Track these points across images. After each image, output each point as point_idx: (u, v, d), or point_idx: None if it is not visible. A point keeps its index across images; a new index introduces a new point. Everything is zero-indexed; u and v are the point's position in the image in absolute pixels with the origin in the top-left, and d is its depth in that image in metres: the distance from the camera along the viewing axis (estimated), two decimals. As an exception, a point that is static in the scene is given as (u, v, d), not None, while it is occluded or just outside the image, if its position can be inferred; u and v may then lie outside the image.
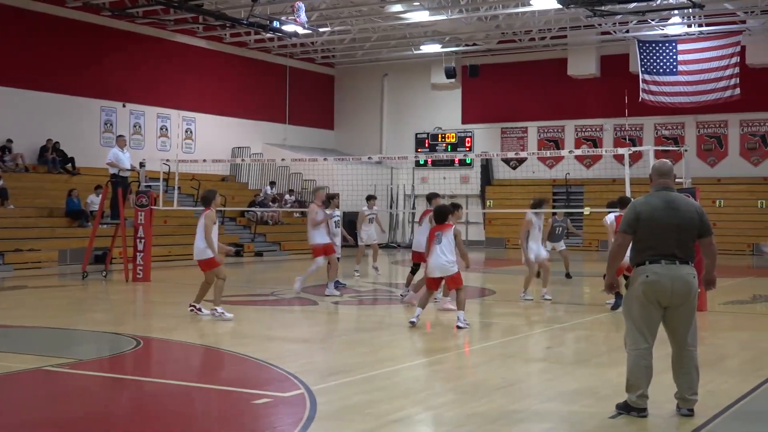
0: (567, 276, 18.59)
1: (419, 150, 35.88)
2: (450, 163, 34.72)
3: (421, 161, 34.56)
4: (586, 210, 21.10)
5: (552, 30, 31.45)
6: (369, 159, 23.70)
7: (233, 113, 33.22)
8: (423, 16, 28.72)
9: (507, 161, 34.69)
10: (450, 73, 34.80)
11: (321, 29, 29.90)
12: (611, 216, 13.53)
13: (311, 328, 12.03)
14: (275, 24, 26.56)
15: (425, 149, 35.86)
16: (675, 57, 29.77)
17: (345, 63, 37.82)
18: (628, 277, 7.01)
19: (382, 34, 32.79)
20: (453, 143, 35.64)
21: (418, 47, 34.40)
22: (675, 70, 29.75)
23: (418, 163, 34.80)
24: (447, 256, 11.36)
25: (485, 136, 35.54)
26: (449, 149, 35.54)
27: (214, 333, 11.16)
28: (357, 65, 37.58)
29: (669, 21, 29.71)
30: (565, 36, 32.42)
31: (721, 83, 29.22)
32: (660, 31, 30.33)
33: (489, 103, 35.32)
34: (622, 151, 16.84)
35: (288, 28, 27.31)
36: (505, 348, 10.23)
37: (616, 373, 7.67)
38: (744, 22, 29.04)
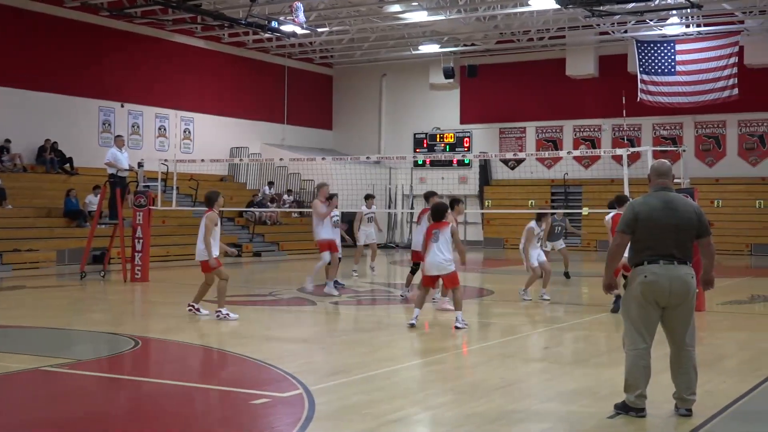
0: (566, 275, 18.61)
1: (417, 150, 35.90)
2: (448, 164, 34.74)
3: (420, 161, 34.57)
4: (584, 210, 21.12)
5: (550, 30, 31.46)
6: (367, 159, 23.67)
7: (231, 113, 33.21)
8: (421, 16, 28.73)
9: (505, 161, 34.71)
10: (448, 74, 34.80)
11: (319, 29, 29.90)
12: (610, 215, 13.56)
13: (310, 328, 12.02)
14: (273, 24, 26.56)
15: (423, 149, 35.87)
16: (673, 57, 29.78)
17: (343, 63, 37.82)
18: (627, 277, 7.01)
19: (380, 34, 32.79)
20: (451, 143, 35.66)
21: (416, 47, 34.41)
22: (673, 70, 29.76)
23: (416, 164, 34.81)
24: (444, 254, 11.32)
25: (484, 136, 35.55)
26: (447, 149, 35.56)
27: (212, 333, 11.16)
28: (355, 65, 37.58)
29: (667, 21, 29.73)
30: (564, 36, 32.44)
31: (720, 83, 29.23)
32: (658, 32, 30.34)
33: (487, 104, 35.33)
34: (620, 152, 16.85)
35: (286, 28, 27.30)
36: (504, 348, 10.23)
37: (614, 374, 7.67)
38: (742, 22, 29.06)
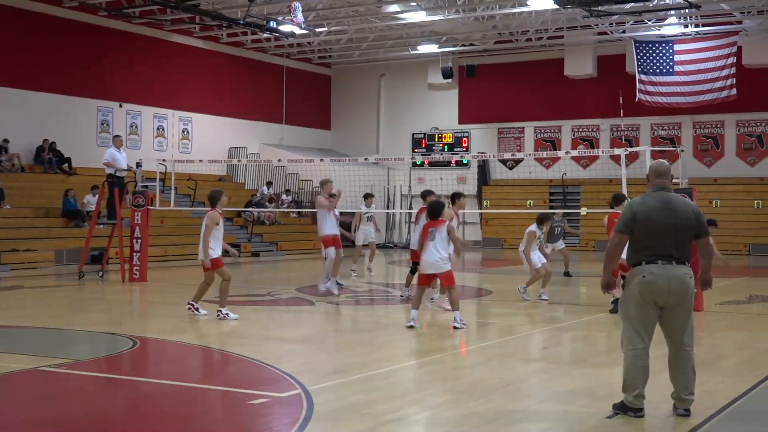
0: (566, 275, 18.62)
1: (416, 150, 35.91)
2: (447, 164, 34.73)
3: (418, 162, 34.59)
4: (583, 210, 21.14)
5: (549, 30, 31.46)
6: (365, 160, 23.69)
7: (230, 113, 33.20)
8: (420, 16, 28.73)
9: (504, 161, 34.71)
10: (447, 74, 34.81)
11: (318, 29, 29.88)
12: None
13: (308, 328, 12.01)
14: (272, 24, 26.54)
15: (422, 149, 35.87)
16: (671, 57, 29.79)
17: (342, 63, 37.82)
18: (625, 277, 7.02)
19: (378, 34, 32.80)
20: (450, 143, 35.67)
21: (414, 47, 34.41)
22: (672, 70, 29.77)
23: (414, 164, 34.82)
24: (440, 252, 11.27)
25: (482, 136, 35.56)
26: (446, 149, 35.57)
27: (210, 333, 11.16)
28: (354, 65, 37.58)
29: (666, 21, 29.73)
30: (562, 36, 32.44)
31: (718, 83, 29.24)
32: (657, 32, 30.35)
33: (486, 104, 35.33)
34: (618, 152, 16.86)
35: (285, 28, 27.29)
36: (503, 348, 10.23)
37: (612, 374, 7.68)
38: (740, 22, 29.07)
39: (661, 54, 29.85)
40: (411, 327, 11.11)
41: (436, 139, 35.99)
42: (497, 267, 24.76)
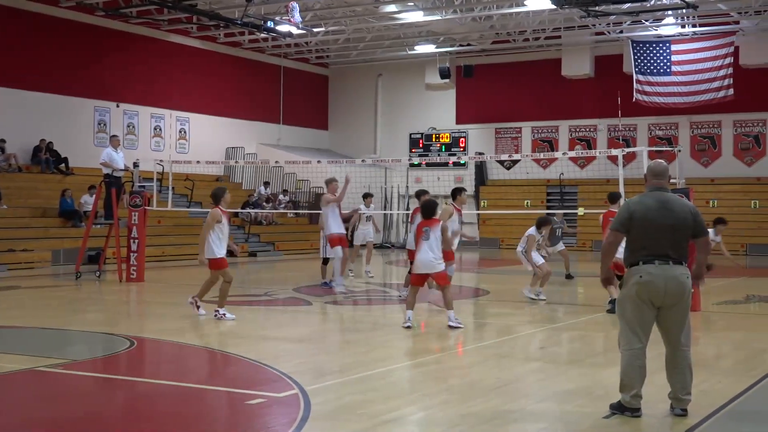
0: (568, 277, 18.55)
1: (413, 150, 35.90)
2: (444, 164, 34.72)
3: (416, 162, 34.57)
4: (580, 210, 21.13)
5: (546, 30, 31.48)
6: (363, 161, 23.74)
7: (227, 113, 33.19)
8: (417, 16, 28.74)
9: (501, 162, 34.72)
10: (444, 74, 34.82)
11: (315, 29, 29.89)
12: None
13: (305, 328, 12.00)
14: (269, 24, 26.53)
15: (419, 149, 35.88)
16: (669, 57, 29.82)
17: (339, 63, 37.82)
18: (621, 278, 7.03)
19: (376, 34, 32.79)
20: (447, 143, 35.68)
21: (412, 47, 34.41)
22: (669, 70, 29.80)
23: (412, 164, 34.81)
24: (434, 252, 11.22)
25: (479, 136, 35.57)
26: (443, 149, 35.58)
27: (208, 333, 11.15)
28: (351, 65, 37.58)
29: (663, 21, 29.76)
30: (559, 36, 32.46)
31: (715, 84, 29.28)
32: (654, 32, 30.38)
33: (483, 104, 35.34)
34: (615, 152, 16.87)
35: (282, 28, 27.28)
36: (500, 348, 10.23)
37: (610, 373, 7.68)
38: (737, 22, 29.10)
39: (659, 54, 29.88)
40: (408, 327, 11.11)
41: (433, 139, 35.99)
42: (495, 267, 24.77)
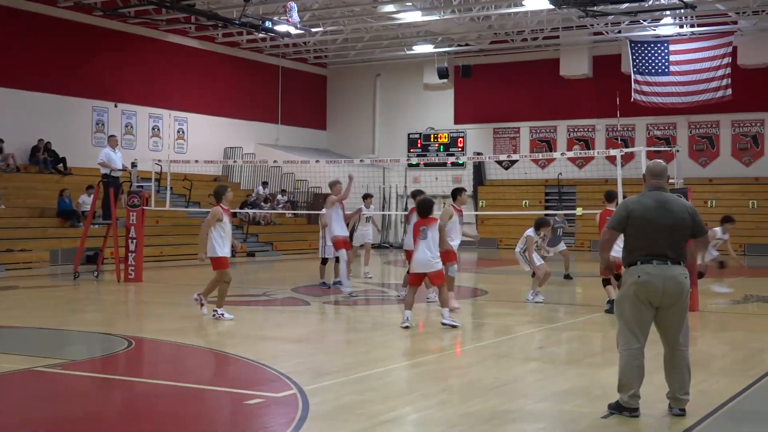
0: (566, 277, 18.54)
1: (411, 150, 35.89)
2: (442, 164, 34.70)
3: (414, 162, 34.57)
4: (578, 210, 21.13)
5: (544, 30, 31.50)
6: (361, 161, 23.73)
7: (225, 113, 33.18)
8: (415, 16, 28.74)
9: (499, 162, 34.72)
10: (442, 74, 34.82)
11: (313, 29, 29.88)
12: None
13: (304, 328, 12.00)
14: (267, 24, 26.53)
15: (418, 149, 35.88)
16: (667, 57, 29.84)
17: (337, 63, 37.81)
18: (619, 277, 7.05)
19: (374, 34, 32.79)
20: (445, 143, 35.68)
21: (410, 47, 34.42)
22: (667, 70, 29.82)
23: (410, 164, 34.80)
24: (432, 251, 11.22)
25: (478, 136, 35.58)
26: (442, 149, 35.57)
27: (206, 333, 11.15)
28: (349, 65, 37.57)
29: (661, 21, 29.78)
30: (558, 36, 32.47)
31: (713, 84, 29.30)
32: (652, 32, 30.40)
33: (481, 104, 35.35)
34: (614, 152, 16.87)
35: (280, 28, 27.29)
36: (498, 348, 10.23)
37: (608, 373, 7.68)
38: (736, 22, 29.12)
39: (657, 54, 29.90)
40: (406, 327, 11.10)
41: (431, 140, 35.99)
42: (493, 267, 24.77)
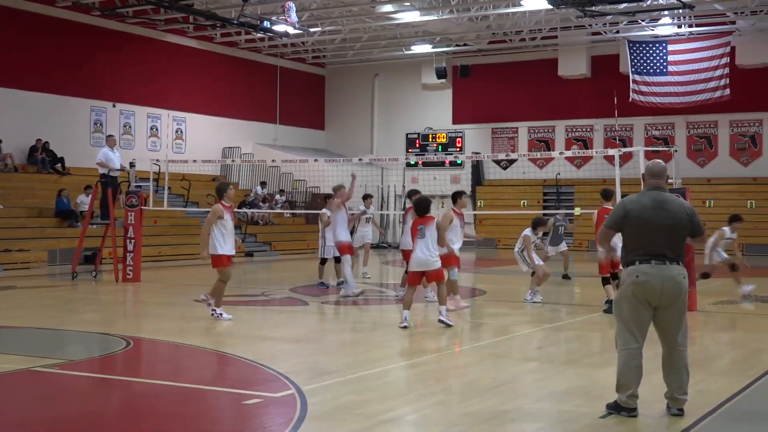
0: (564, 277, 18.53)
1: (410, 150, 35.90)
2: (441, 164, 34.72)
3: (412, 162, 34.58)
4: (576, 210, 21.16)
5: (542, 30, 31.51)
6: (360, 161, 23.70)
7: (224, 113, 33.16)
8: (414, 16, 28.73)
9: (498, 161, 34.73)
10: (441, 74, 34.82)
11: (312, 29, 29.89)
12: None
13: (302, 328, 11.99)
14: (266, 24, 26.52)
15: (416, 149, 35.87)
16: (665, 57, 29.85)
17: (336, 63, 37.80)
18: (617, 277, 7.05)
19: (372, 34, 32.78)
20: (444, 143, 35.67)
21: (408, 47, 34.42)
22: (665, 70, 29.84)
23: (408, 164, 34.81)
24: (431, 250, 11.21)
25: (476, 136, 35.58)
26: (440, 149, 35.56)
27: (204, 333, 11.14)
28: (348, 65, 37.57)
29: (659, 21, 29.80)
30: (556, 36, 32.48)
31: (711, 84, 29.32)
32: (650, 32, 30.41)
33: (480, 104, 35.35)
34: (612, 152, 16.88)
35: (279, 28, 27.28)
36: (497, 348, 10.23)
37: (606, 373, 7.68)
38: (734, 22, 29.14)
39: (655, 54, 29.91)
40: (405, 327, 11.09)
41: (430, 139, 35.98)
42: (491, 267, 24.78)
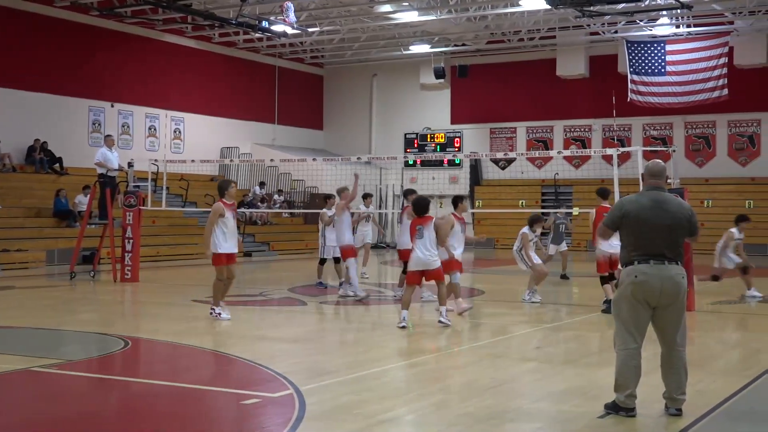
0: (563, 277, 18.52)
1: (408, 150, 35.90)
2: (439, 163, 34.74)
3: (410, 161, 34.59)
4: (575, 210, 21.15)
5: (541, 30, 31.52)
6: (358, 159, 23.68)
7: (222, 113, 33.15)
8: (412, 16, 28.73)
9: (496, 161, 34.74)
10: (439, 74, 34.82)
11: (310, 29, 29.88)
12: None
13: (300, 328, 11.99)
14: (264, 24, 26.53)
15: (414, 149, 35.88)
16: (663, 57, 29.87)
17: (334, 63, 37.80)
18: (615, 278, 7.06)
19: (371, 34, 32.78)
20: (442, 143, 35.67)
21: (407, 47, 34.42)
22: (663, 70, 29.85)
23: (407, 163, 34.81)
24: (430, 250, 11.22)
25: (474, 136, 35.58)
26: (438, 149, 35.57)
27: (203, 333, 11.14)
28: (346, 65, 37.57)
29: (657, 22, 29.82)
30: (554, 36, 32.50)
31: (709, 84, 29.34)
32: (648, 32, 30.42)
33: (478, 104, 35.36)
34: (610, 152, 16.87)
35: (277, 28, 27.28)
36: (495, 348, 10.22)
37: (605, 373, 7.68)
38: (732, 22, 29.16)
39: (653, 54, 29.92)
40: (403, 327, 11.09)
41: (428, 139, 35.98)
42: (490, 267, 24.78)
